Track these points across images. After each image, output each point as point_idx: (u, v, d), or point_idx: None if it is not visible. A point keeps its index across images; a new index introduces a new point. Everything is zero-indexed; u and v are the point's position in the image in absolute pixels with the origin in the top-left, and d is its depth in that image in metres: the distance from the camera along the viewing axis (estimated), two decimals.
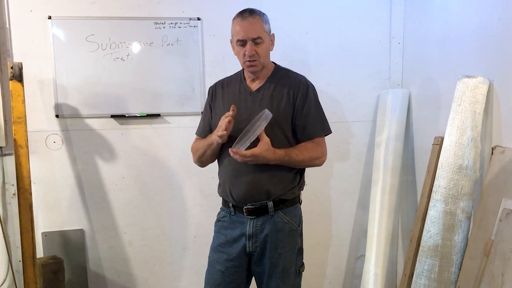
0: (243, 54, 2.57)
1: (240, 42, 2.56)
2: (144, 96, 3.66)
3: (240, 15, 2.58)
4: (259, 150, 2.44)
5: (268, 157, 2.48)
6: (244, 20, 2.55)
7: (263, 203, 2.60)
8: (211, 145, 2.62)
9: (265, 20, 2.59)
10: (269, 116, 2.41)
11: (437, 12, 3.49)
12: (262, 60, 2.58)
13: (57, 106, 3.54)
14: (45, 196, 3.61)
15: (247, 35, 2.53)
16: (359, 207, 4.13)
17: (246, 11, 2.57)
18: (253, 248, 2.64)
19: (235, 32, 2.58)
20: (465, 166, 2.92)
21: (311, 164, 2.68)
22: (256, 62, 2.56)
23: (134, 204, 3.77)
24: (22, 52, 3.45)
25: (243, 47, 2.56)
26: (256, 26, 2.54)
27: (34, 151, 3.52)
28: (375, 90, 4.02)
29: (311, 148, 2.63)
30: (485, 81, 2.91)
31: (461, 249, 2.97)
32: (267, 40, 2.59)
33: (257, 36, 2.53)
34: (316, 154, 2.65)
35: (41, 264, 3.35)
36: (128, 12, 3.60)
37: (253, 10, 2.58)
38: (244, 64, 2.61)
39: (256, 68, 2.59)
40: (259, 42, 2.54)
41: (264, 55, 2.58)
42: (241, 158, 2.45)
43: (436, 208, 3.02)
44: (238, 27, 2.56)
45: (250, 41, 2.53)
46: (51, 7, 3.48)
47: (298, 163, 2.61)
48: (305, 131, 2.64)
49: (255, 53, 2.54)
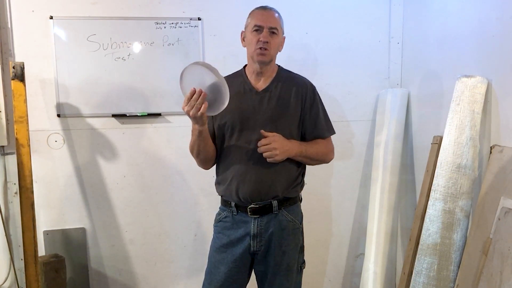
0: (256, 41, 2.58)
1: (257, 28, 2.58)
2: (145, 95, 3.66)
3: (262, 7, 2.66)
4: (276, 134, 2.53)
5: (288, 145, 2.54)
6: (265, 10, 2.64)
7: (268, 202, 2.60)
8: (200, 136, 2.51)
9: (281, 20, 2.68)
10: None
11: (436, 12, 3.49)
12: (272, 52, 2.61)
13: (58, 105, 3.54)
14: (47, 194, 3.61)
15: (266, 22, 2.58)
16: (358, 205, 4.13)
17: (266, 6, 2.67)
18: (258, 247, 2.64)
19: (255, 18, 2.61)
20: (464, 165, 2.92)
21: (321, 159, 2.75)
22: (267, 51, 2.58)
23: (135, 202, 3.77)
24: (24, 52, 3.45)
25: (258, 33, 2.58)
26: (276, 19, 2.63)
27: (36, 150, 3.52)
28: (374, 90, 4.02)
29: (322, 144, 2.72)
30: (483, 80, 2.91)
31: (460, 247, 2.97)
32: (280, 36, 2.66)
33: (275, 26, 2.59)
34: (327, 150, 2.76)
35: (42, 263, 3.35)
36: (129, 12, 3.59)
37: (272, 8, 2.69)
38: (255, 51, 2.59)
39: (265, 57, 2.59)
40: (275, 33, 2.59)
41: (275, 48, 2.63)
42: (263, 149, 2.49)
43: (435, 207, 3.02)
44: (258, 15, 2.62)
45: (267, 29, 2.57)
46: (52, 7, 3.47)
47: (313, 156, 2.67)
48: (314, 131, 2.69)
49: (268, 42, 2.57)
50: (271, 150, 2.49)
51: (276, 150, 2.49)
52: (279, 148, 2.50)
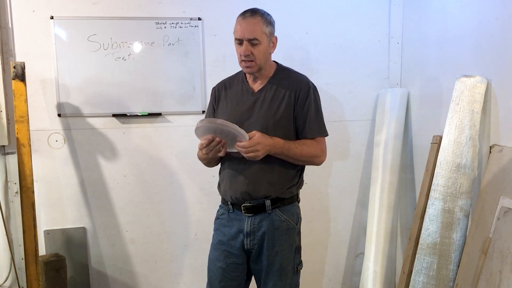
0: (239, 53, 2.56)
1: (238, 41, 2.55)
2: (145, 95, 3.66)
3: (242, 14, 2.57)
4: (256, 134, 2.46)
5: (267, 142, 2.47)
6: (244, 20, 2.53)
7: (261, 201, 2.60)
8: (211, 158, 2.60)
9: (266, 22, 2.56)
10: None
11: (435, 12, 3.49)
12: (258, 62, 2.55)
13: (59, 105, 3.54)
14: (48, 194, 3.61)
15: (243, 35, 2.51)
16: (358, 205, 4.13)
17: (248, 11, 2.56)
18: (251, 245, 2.64)
19: (235, 30, 2.57)
20: (463, 164, 2.92)
21: (309, 161, 2.66)
22: (252, 63, 2.55)
23: (135, 202, 3.77)
24: (24, 51, 3.45)
25: (240, 46, 2.55)
26: (254, 27, 2.51)
27: (37, 149, 3.52)
28: (374, 90, 4.02)
29: (311, 145, 2.62)
30: (483, 80, 2.91)
31: (460, 246, 2.97)
32: (265, 42, 2.55)
33: (253, 37, 2.51)
34: (316, 152, 2.63)
35: (43, 262, 3.35)
36: (130, 12, 3.59)
37: (256, 10, 2.56)
38: (241, 64, 2.60)
39: (251, 69, 2.58)
40: (256, 43, 2.52)
41: (260, 57, 2.55)
42: (245, 151, 2.43)
43: (435, 206, 3.02)
44: (237, 25, 2.55)
45: (246, 41, 2.51)
46: (53, 7, 3.48)
47: (296, 157, 2.58)
48: (303, 130, 2.63)
49: (251, 54, 2.52)
50: (253, 152, 2.45)
51: (258, 152, 2.45)
52: (261, 149, 2.45)
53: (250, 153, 2.44)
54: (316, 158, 2.66)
